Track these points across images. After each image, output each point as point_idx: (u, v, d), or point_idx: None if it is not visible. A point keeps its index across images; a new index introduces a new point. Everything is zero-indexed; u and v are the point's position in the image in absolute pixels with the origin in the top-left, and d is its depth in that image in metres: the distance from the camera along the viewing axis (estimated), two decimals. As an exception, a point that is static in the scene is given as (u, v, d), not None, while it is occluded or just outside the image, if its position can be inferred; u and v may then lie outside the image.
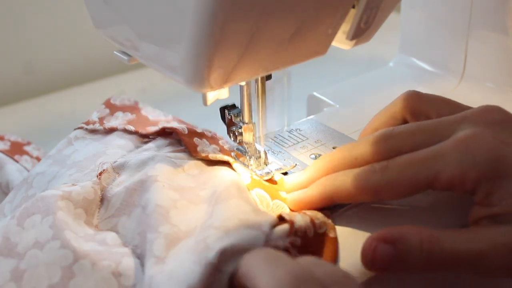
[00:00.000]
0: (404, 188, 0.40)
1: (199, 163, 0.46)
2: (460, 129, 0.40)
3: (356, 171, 0.41)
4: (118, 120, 0.53)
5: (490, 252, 0.37)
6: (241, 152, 0.48)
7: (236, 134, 0.48)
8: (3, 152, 0.61)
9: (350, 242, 0.41)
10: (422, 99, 0.46)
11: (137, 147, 0.49)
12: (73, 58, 0.92)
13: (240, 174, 0.46)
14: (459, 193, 0.40)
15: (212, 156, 0.47)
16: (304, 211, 0.43)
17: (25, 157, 0.61)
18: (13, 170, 0.57)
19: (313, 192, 0.43)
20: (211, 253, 0.36)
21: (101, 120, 0.53)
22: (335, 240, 0.41)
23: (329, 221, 0.42)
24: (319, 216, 0.42)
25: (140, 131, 0.50)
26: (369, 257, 0.38)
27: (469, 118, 0.41)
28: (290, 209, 0.44)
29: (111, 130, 0.51)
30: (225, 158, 0.47)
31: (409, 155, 0.40)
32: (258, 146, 0.48)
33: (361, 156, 0.42)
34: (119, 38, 0.43)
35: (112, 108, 0.54)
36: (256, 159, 0.48)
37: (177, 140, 0.49)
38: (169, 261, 0.38)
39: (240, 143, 0.48)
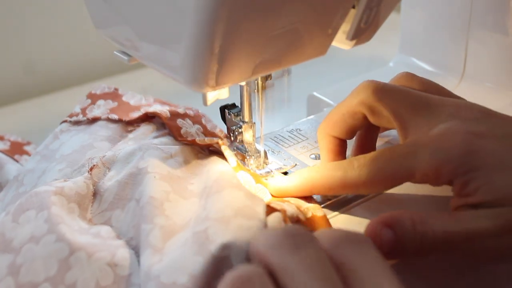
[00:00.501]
0: (382, 184, 0.42)
1: (184, 148, 0.47)
2: (433, 125, 0.41)
3: (335, 165, 0.43)
4: (100, 108, 0.53)
5: (477, 233, 0.38)
6: (241, 151, 0.48)
7: (236, 133, 0.48)
8: (3, 152, 0.61)
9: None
10: (379, 93, 0.44)
11: (123, 136, 0.49)
12: (73, 58, 0.92)
13: (227, 157, 0.46)
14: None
15: (200, 140, 0.47)
16: (288, 199, 0.44)
17: (25, 156, 0.61)
18: (13, 169, 0.57)
19: (294, 181, 0.44)
20: (213, 245, 0.36)
21: (83, 110, 0.53)
22: (325, 217, 0.42)
23: (311, 204, 0.43)
24: (301, 203, 0.43)
25: (123, 118, 0.50)
26: (377, 242, 0.38)
27: (447, 110, 0.42)
28: (271, 195, 0.45)
29: (94, 120, 0.52)
30: (214, 140, 0.47)
31: (385, 152, 0.41)
32: (258, 146, 0.48)
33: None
34: (119, 38, 0.43)
35: (93, 97, 0.54)
36: (256, 158, 0.48)
37: (161, 123, 0.49)
38: (167, 251, 0.38)
39: (240, 142, 0.48)
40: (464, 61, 0.64)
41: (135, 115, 0.50)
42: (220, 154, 0.47)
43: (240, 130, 0.48)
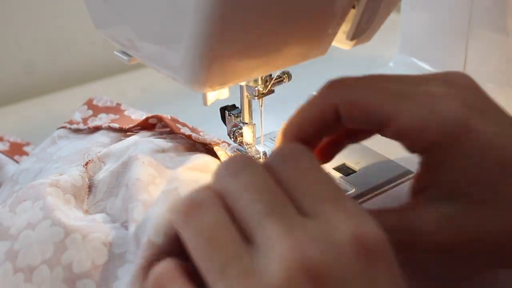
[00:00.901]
0: (362, 114, 0.36)
1: (179, 147, 0.47)
2: (431, 84, 0.36)
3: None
4: (102, 120, 0.54)
5: (417, 237, 0.35)
6: (241, 153, 0.48)
7: (237, 134, 0.48)
8: (3, 152, 0.61)
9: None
10: (353, 89, 0.37)
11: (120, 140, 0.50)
12: (73, 58, 0.92)
13: (220, 156, 0.46)
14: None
15: (195, 137, 0.47)
16: None
17: (25, 157, 0.61)
18: (13, 170, 0.57)
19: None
20: None
21: (84, 120, 0.54)
22: None
23: None
24: None
25: (124, 127, 0.51)
26: None
27: (437, 79, 0.37)
28: None
29: (96, 129, 0.52)
30: (207, 140, 0.47)
31: (382, 82, 0.36)
32: (258, 147, 0.48)
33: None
34: (119, 38, 0.43)
35: (95, 109, 0.55)
36: (256, 160, 0.48)
37: (159, 132, 0.50)
38: None
39: (240, 143, 0.48)
40: (464, 61, 0.64)
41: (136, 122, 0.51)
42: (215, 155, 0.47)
43: (240, 131, 0.48)
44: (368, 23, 0.42)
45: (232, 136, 0.49)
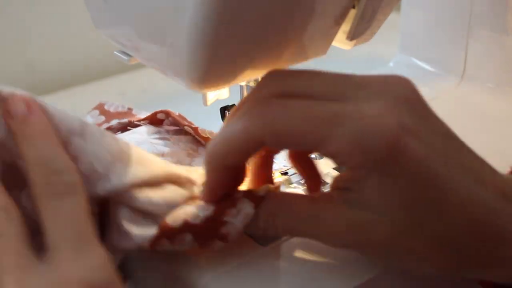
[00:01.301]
0: (290, 142, 0.36)
1: (180, 153, 0.47)
2: (363, 98, 0.35)
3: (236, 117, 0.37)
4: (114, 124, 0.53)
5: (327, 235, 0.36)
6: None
7: (236, 134, 0.48)
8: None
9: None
10: (277, 119, 0.35)
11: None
12: (73, 58, 0.92)
13: None
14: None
15: (201, 130, 0.48)
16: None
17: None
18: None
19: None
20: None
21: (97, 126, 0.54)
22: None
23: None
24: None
25: (132, 120, 0.51)
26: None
27: (372, 87, 0.35)
28: None
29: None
30: (211, 137, 0.47)
31: (307, 106, 0.35)
32: (258, 146, 0.48)
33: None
34: (119, 38, 0.43)
35: (108, 115, 0.55)
36: (256, 159, 0.48)
37: (165, 130, 0.50)
38: None
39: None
40: (464, 61, 0.64)
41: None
42: None
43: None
44: (368, 23, 0.42)
45: (232, 136, 0.49)
